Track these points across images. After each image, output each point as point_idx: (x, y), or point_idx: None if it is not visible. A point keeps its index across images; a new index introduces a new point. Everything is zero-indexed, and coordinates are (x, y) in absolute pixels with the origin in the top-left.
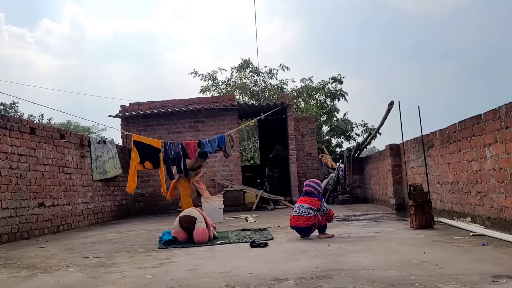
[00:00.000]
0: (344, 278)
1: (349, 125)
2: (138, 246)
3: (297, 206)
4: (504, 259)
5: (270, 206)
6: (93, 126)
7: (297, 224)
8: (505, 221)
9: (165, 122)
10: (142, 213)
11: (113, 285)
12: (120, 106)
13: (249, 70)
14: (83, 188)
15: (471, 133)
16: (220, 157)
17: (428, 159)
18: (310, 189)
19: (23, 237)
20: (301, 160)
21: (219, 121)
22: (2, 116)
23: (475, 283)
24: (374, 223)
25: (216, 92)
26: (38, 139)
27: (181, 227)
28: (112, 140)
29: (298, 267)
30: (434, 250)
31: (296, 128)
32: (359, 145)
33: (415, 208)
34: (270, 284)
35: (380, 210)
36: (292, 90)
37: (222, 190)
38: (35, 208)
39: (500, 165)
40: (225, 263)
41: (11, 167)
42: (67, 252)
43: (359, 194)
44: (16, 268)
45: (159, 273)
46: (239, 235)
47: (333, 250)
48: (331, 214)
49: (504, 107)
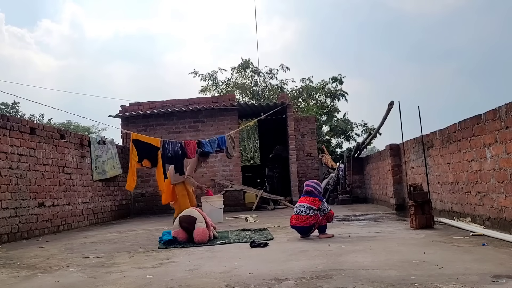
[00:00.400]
0: (344, 278)
1: (349, 125)
2: (138, 246)
3: (298, 205)
4: (504, 259)
5: (270, 206)
6: (93, 126)
7: (297, 223)
8: (505, 221)
9: (165, 122)
10: (142, 213)
11: (113, 285)
12: (120, 106)
13: (250, 70)
14: (83, 188)
15: (471, 133)
16: (220, 157)
17: (428, 159)
18: (311, 189)
19: (23, 237)
20: (301, 160)
21: (219, 121)
22: (2, 116)
23: (475, 283)
24: (374, 223)
25: (216, 92)
26: (38, 139)
27: (181, 227)
28: (112, 140)
29: (298, 267)
30: (434, 250)
31: (296, 128)
32: (359, 145)
33: (415, 208)
34: (270, 284)
35: (380, 210)
36: (292, 90)
37: (222, 190)
38: (35, 208)
39: (500, 165)
40: (225, 263)
41: (11, 167)
42: (67, 252)
43: (359, 194)
44: (16, 268)
45: (159, 273)
46: (239, 235)
47: (333, 250)
48: (331, 214)
49: (504, 107)
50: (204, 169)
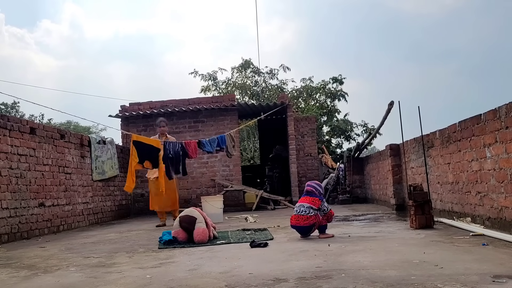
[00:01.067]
0: (344, 278)
1: (349, 125)
2: (138, 246)
3: (298, 205)
4: (504, 259)
5: (270, 206)
6: (93, 126)
7: (297, 223)
8: (505, 221)
9: None
10: (142, 213)
11: (113, 285)
12: (120, 106)
13: (250, 70)
14: (83, 188)
15: (471, 133)
16: (220, 157)
17: (428, 159)
18: (311, 189)
19: (23, 237)
20: (301, 160)
21: (219, 121)
22: (2, 116)
23: (475, 283)
24: (374, 223)
25: (217, 92)
26: (38, 139)
27: (181, 227)
28: (112, 140)
29: (298, 267)
30: (434, 250)
31: (296, 128)
32: (359, 145)
33: (415, 208)
34: (270, 284)
35: (380, 210)
36: (292, 90)
37: (222, 190)
38: (35, 208)
39: (500, 165)
40: (225, 263)
41: (11, 167)
42: (67, 252)
43: (359, 194)
44: (16, 268)
45: (159, 273)
46: (239, 235)
47: (333, 250)
48: (331, 214)
49: (504, 107)
50: (204, 169)
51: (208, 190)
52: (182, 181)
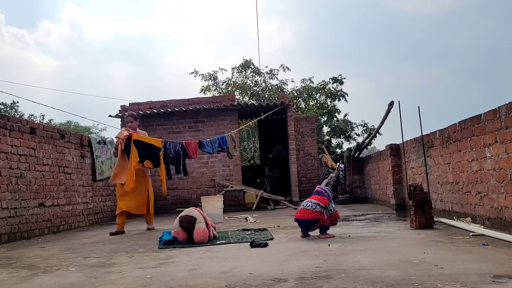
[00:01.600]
0: (344, 278)
1: (349, 125)
2: (138, 246)
3: (306, 201)
4: (504, 259)
5: (270, 206)
6: (93, 126)
7: (301, 216)
8: (505, 221)
9: (165, 122)
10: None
11: (113, 285)
12: (120, 106)
13: (250, 70)
14: (83, 188)
15: (471, 133)
16: (220, 157)
17: (428, 159)
18: (321, 190)
19: (23, 237)
20: (301, 160)
21: (219, 121)
22: (2, 116)
23: (475, 283)
24: (374, 223)
25: (217, 92)
26: (38, 139)
27: (181, 227)
28: (112, 141)
29: (298, 267)
30: (434, 250)
31: (296, 128)
32: (359, 145)
33: (415, 208)
34: (270, 284)
35: (380, 210)
36: (292, 90)
37: (222, 190)
38: (35, 208)
39: (500, 165)
40: (225, 263)
41: (11, 167)
42: (67, 252)
43: (359, 194)
44: (16, 268)
45: (159, 273)
46: (239, 235)
47: (333, 250)
48: (336, 216)
49: (504, 107)
50: (204, 169)
51: (208, 190)
52: (182, 181)
